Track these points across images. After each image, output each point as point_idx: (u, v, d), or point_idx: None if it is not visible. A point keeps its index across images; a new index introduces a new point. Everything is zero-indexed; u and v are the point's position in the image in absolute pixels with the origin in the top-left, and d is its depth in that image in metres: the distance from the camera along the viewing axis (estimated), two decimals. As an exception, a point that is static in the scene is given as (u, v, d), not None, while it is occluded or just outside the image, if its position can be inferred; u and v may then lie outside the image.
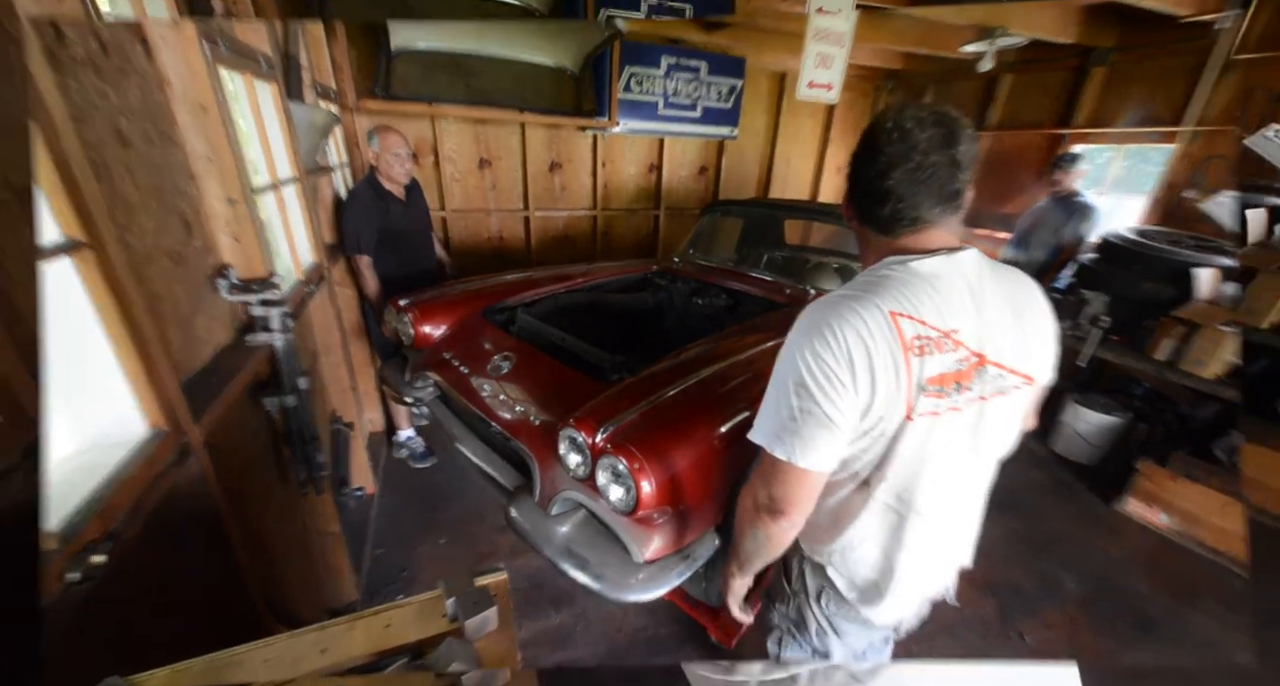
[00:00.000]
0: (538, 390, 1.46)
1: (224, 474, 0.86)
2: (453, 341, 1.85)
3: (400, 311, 1.90)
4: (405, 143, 2.10)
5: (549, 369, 1.54)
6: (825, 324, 0.65)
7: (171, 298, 0.89)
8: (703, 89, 3.54)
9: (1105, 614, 1.70)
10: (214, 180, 1.06)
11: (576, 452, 1.19)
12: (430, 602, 0.54)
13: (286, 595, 1.19)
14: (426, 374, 1.78)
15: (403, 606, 0.54)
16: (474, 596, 0.51)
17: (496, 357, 1.62)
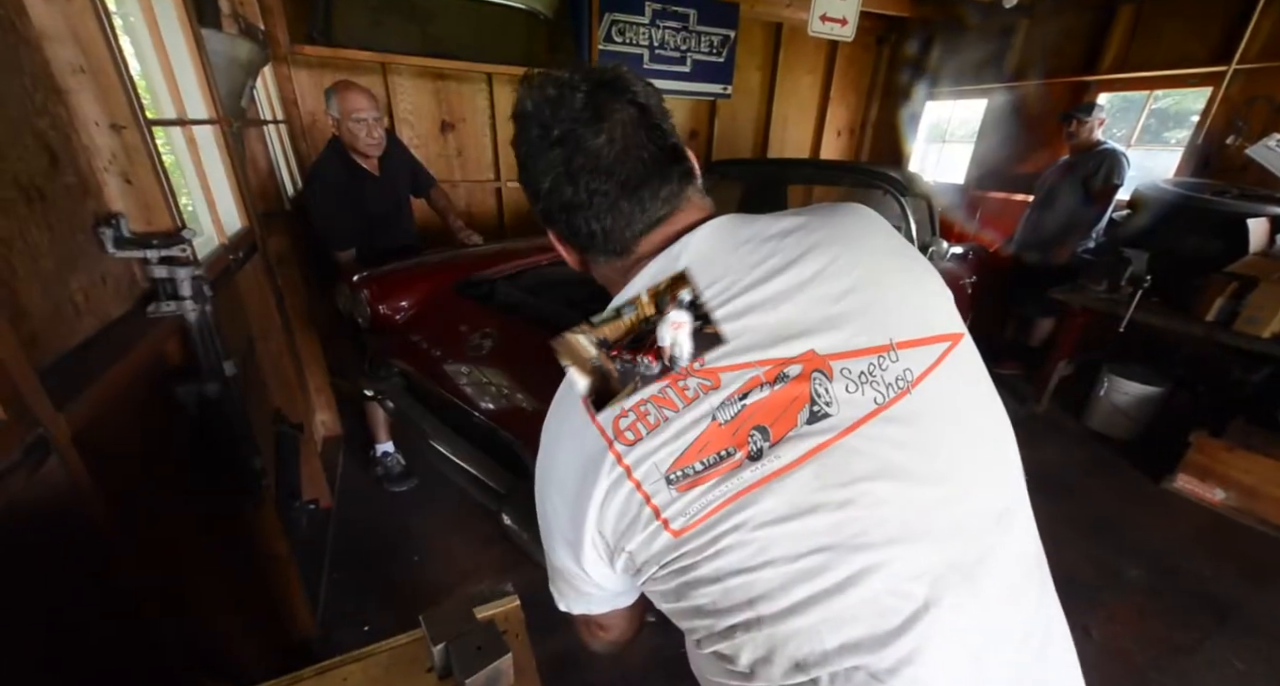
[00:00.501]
0: (529, 370, 1.30)
1: (111, 481, 0.68)
2: (420, 321, 1.67)
3: (354, 288, 1.71)
4: (372, 102, 1.79)
5: (540, 344, 1.37)
6: (544, 464, 0.51)
7: (25, 244, 0.69)
8: (692, 39, 3.37)
9: (1173, 602, 1.63)
10: (90, 99, 0.86)
11: None
12: (407, 648, 0.38)
13: (220, 637, 1.00)
14: (389, 360, 1.60)
15: (364, 658, 0.37)
16: (475, 637, 0.35)
17: (475, 337, 1.45)
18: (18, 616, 0.54)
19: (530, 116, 0.48)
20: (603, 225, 0.48)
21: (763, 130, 4.15)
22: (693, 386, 0.43)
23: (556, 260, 2.09)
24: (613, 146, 0.46)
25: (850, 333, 0.45)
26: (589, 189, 0.47)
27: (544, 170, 0.48)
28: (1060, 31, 3.19)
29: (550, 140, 0.46)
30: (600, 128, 0.46)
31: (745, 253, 0.47)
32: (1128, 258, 2.28)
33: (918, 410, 0.45)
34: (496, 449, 1.31)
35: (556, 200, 0.48)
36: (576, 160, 0.46)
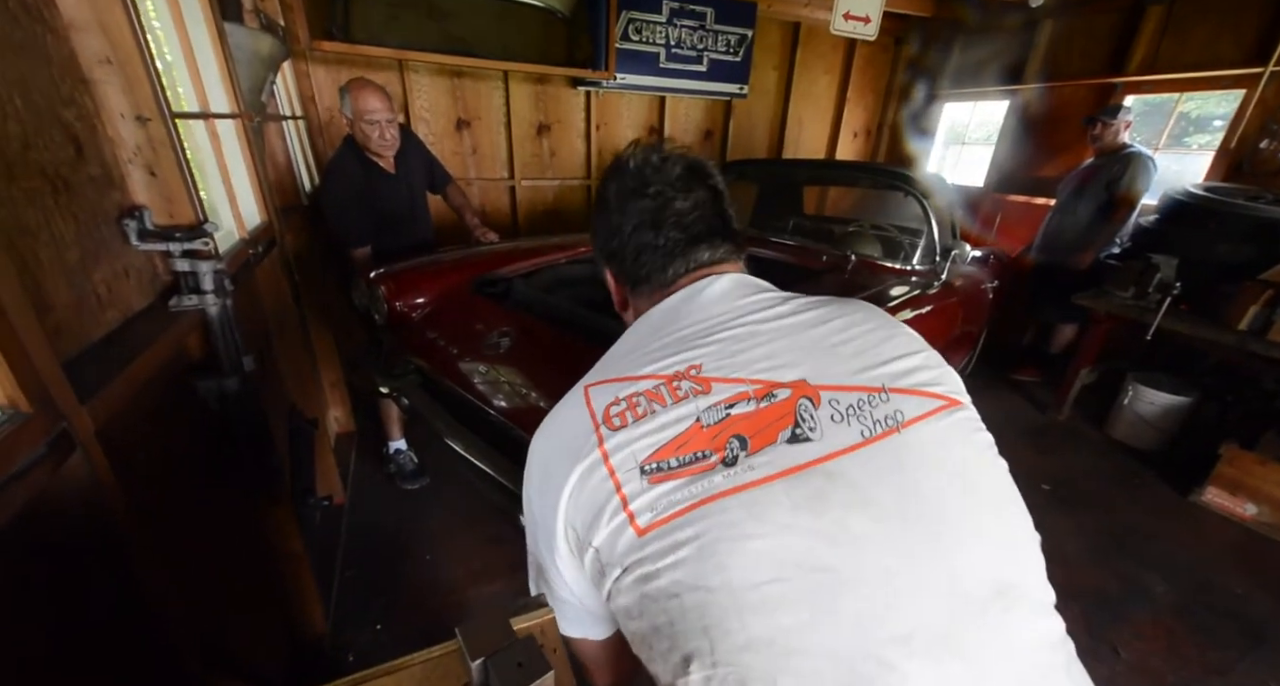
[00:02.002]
0: (546, 369, 1.28)
1: (134, 476, 0.67)
2: (437, 318, 1.66)
3: (372, 284, 1.70)
4: (386, 103, 1.77)
5: (559, 343, 1.36)
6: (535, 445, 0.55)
7: (51, 236, 0.68)
8: (709, 38, 3.35)
9: (1204, 621, 1.58)
10: (116, 91, 0.85)
11: None
12: (441, 661, 0.36)
13: (233, 634, 1.00)
14: (405, 357, 1.59)
15: (396, 671, 0.36)
16: (516, 653, 0.33)
17: (492, 335, 1.44)
18: (38, 612, 0.53)
19: (632, 172, 0.61)
20: (663, 263, 0.60)
21: (778, 130, 4.11)
22: (685, 388, 0.46)
23: (574, 258, 2.07)
24: (692, 211, 0.60)
25: (843, 371, 0.48)
26: (668, 236, 0.59)
27: (631, 214, 0.60)
28: (1086, 32, 3.13)
29: (647, 194, 0.59)
30: (688, 196, 0.60)
31: (756, 299, 0.57)
32: (1156, 263, 2.23)
33: (906, 451, 0.44)
34: (513, 448, 1.29)
35: (635, 240, 0.60)
36: (665, 213, 0.59)
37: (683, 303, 0.57)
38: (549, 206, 3.53)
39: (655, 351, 0.52)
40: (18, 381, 0.51)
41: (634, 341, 0.58)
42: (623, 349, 0.59)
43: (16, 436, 0.48)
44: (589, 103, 3.35)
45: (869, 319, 0.56)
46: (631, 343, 0.58)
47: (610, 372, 0.52)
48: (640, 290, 0.62)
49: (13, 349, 0.51)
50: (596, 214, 0.65)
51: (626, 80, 3.20)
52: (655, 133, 3.67)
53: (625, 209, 0.60)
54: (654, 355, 0.51)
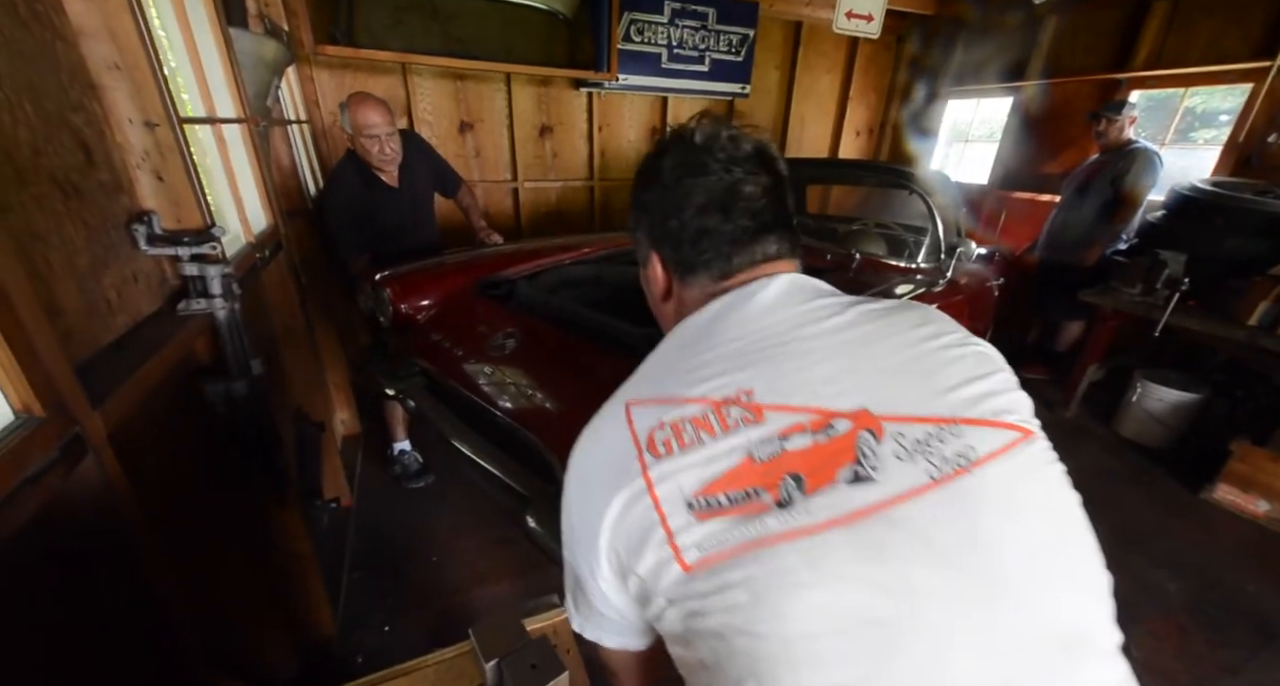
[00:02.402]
0: (552, 370, 1.28)
1: (144, 480, 0.67)
2: (441, 320, 1.66)
3: (377, 286, 1.71)
4: (386, 117, 1.75)
5: (564, 344, 1.36)
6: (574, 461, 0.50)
7: (61, 241, 0.69)
8: (711, 38, 3.35)
9: (1216, 619, 1.57)
10: (124, 97, 0.86)
11: None
12: (455, 662, 0.36)
13: (240, 636, 1.00)
14: (411, 359, 1.59)
15: (411, 672, 0.36)
16: (529, 654, 0.33)
17: (497, 336, 1.45)
18: (50, 615, 0.53)
19: (699, 147, 0.54)
20: (728, 252, 0.53)
21: (781, 130, 4.10)
22: (734, 415, 0.42)
23: (578, 259, 2.07)
24: (762, 197, 0.53)
25: (910, 396, 0.43)
26: (737, 222, 0.52)
27: (696, 194, 0.53)
28: (1090, 28, 3.11)
29: (716, 173, 0.52)
30: (761, 178, 0.53)
31: (814, 306, 0.51)
32: (1163, 260, 2.21)
33: (976, 495, 0.39)
34: (520, 450, 1.29)
35: (698, 223, 0.53)
36: (735, 195, 0.52)
37: (733, 308, 0.51)
38: (552, 208, 3.54)
39: (702, 368, 0.46)
40: (31, 386, 0.51)
41: (678, 350, 0.52)
42: (666, 358, 0.53)
43: (30, 441, 0.49)
44: (591, 104, 3.35)
45: (940, 332, 0.50)
46: (675, 352, 0.52)
47: (654, 390, 0.47)
48: (693, 279, 0.55)
49: (26, 354, 0.51)
50: (645, 190, 0.57)
51: (629, 81, 3.20)
52: (658, 133, 3.67)
53: (688, 187, 0.53)
54: (701, 373, 0.46)
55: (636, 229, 0.60)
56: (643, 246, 0.59)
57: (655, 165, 0.56)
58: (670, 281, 0.58)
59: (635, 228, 0.60)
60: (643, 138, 3.66)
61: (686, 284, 0.56)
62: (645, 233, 0.58)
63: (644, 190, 0.57)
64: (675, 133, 0.56)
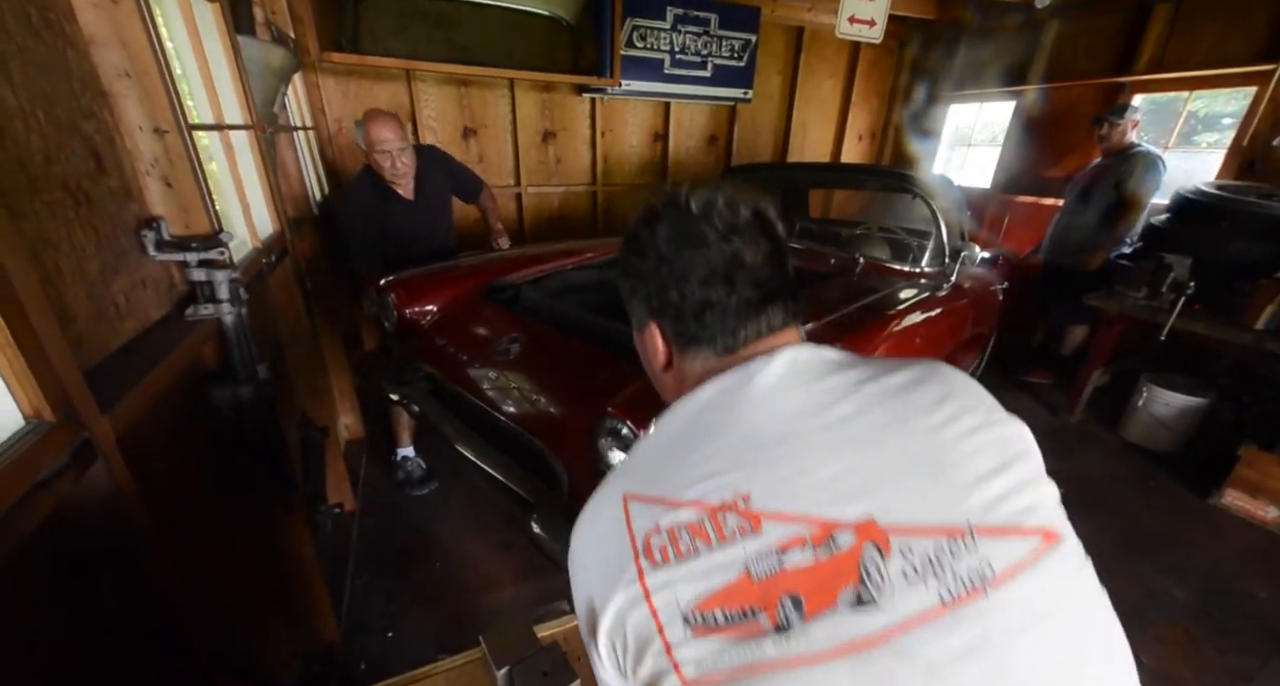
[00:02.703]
0: (558, 375, 1.29)
1: (151, 485, 0.67)
2: (446, 325, 1.67)
3: (381, 291, 1.72)
4: (397, 133, 1.79)
5: (568, 349, 1.36)
6: (575, 538, 0.47)
7: (72, 248, 0.69)
8: (713, 44, 3.37)
9: (1224, 625, 1.55)
10: (135, 104, 0.87)
11: (621, 448, 1.03)
12: (465, 670, 0.36)
13: (245, 640, 1.00)
14: (415, 364, 1.59)
15: (423, 679, 0.36)
16: (541, 661, 0.33)
17: (502, 341, 1.45)
18: (60, 619, 0.53)
19: (694, 215, 0.51)
20: (733, 326, 0.51)
21: (783, 134, 4.12)
22: (731, 524, 0.39)
23: (581, 264, 2.08)
24: (765, 265, 0.51)
25: (920, 501, 0.39)
26: (742, 294, 0.50)
27: (697, 265, 0.50)
28: (1092, 32, 3.11)
29: (715, 242, 0.50)
30: (762, 245, 0.51)
31: (818, 390, 0.46)
32: (1168, 263, 2.20)
33: (994, 619, 0.36)
34: (525, 455, 1.29)
35: (700, 295, 0.50)
36: (737, 265, 0.50)
37: (732, 393, 0.48)
38: (555, 213, 3.55)
39: (700, 465, 0.43)
40: (42, 392, 0.51)
41: (676, 437, 0.48)
42: (665, 444, 0.49)
43: (41, 446, 0.49)
44: (594, 109, 3.37)
45: (961, 410, 0.45)
46: (673, 439, 0.49)
47: (651, 484, 0.44)
48: (695, 352, 0.53)
49: (37, 360, 0.51)
50: (638, 259, 0.54)
51: (631, 86, 3.22)
52: (660, 138, 3.69)
53: (687, 259, 0.50)
54: (698, 471, 0.43)
55: (631, 297, 0.57)
56: (638, 315, 0.57)
57: (649, 234, 0.53)
58: (671, 353, 0.55)
59: (630, 296, 0.57)
60: (645, 142, 3.68)
61: (688, 356, 0.53)
62: (642, 302, 0.55)
63: (637, 259, 0.54)
64: (667, 198, 0.53)
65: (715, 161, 3.98)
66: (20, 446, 0.47)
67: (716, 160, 3.98)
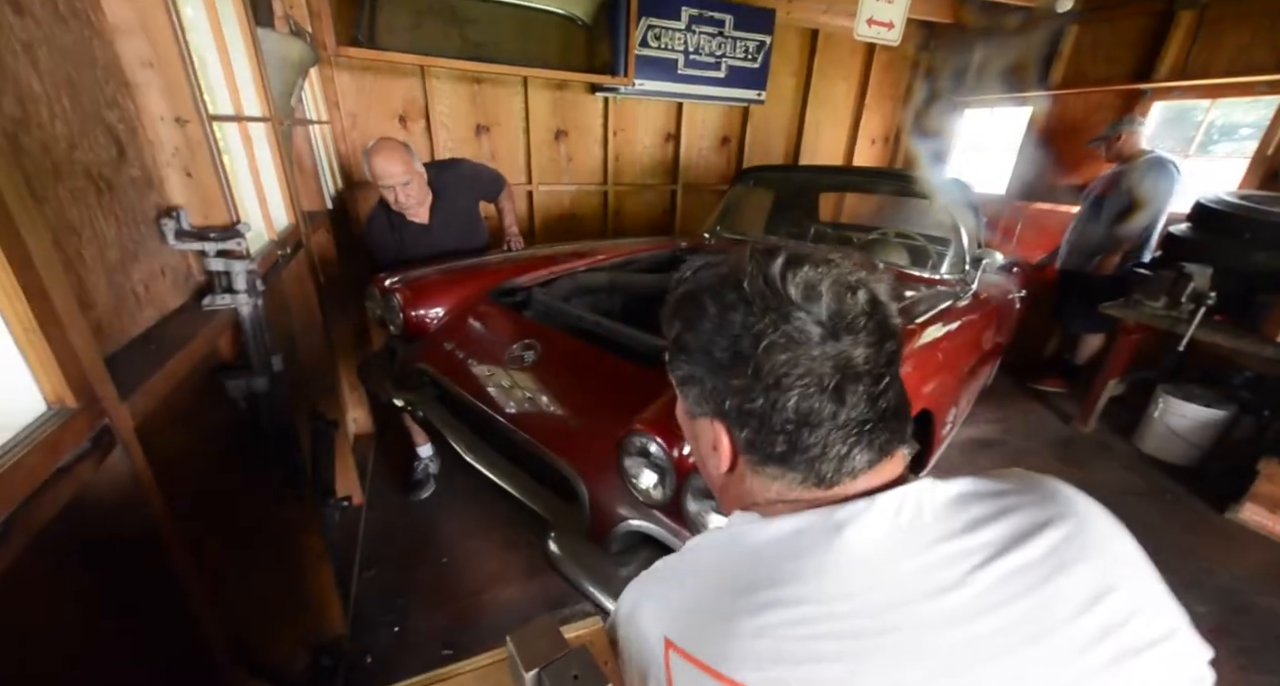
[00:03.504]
0: (577, 386, 1.24)
1: (168, 474, 0.67)
2: (454, 328, 1.62)
3: (386, 292, 1.67)
4: (401, 166, 1.71)
5: (587, 357, 1.31)
6: (619, 628, 0.39)
7: (93, 235, 0.69)
8: (728, 45, 3.35)
9: (1245, 643, 1.52)
10: (157, 94, 0.87)
11: (651, 469, 0.99)
12: (490, 671, 0.35)
13: (255, 632, 1.00)
14: (421, 368, 1.54)
15: (446, 679, 0.35)
16: (571, 665, 0.32)
17: (515, 347, 1.40)
18: (81, 606, 0.53)
19: (788, 300, 0.37)
20: (833, 454, 0.38)
21: (795, 137, 4.10)
22: None
23: (592, 266, 2.06)
24: (885, 373, 0.38)
25: None
26: (852, 412, 0.37)
27: (796, 371, 0.37)
28: (1113, 37, 3.08)
29: (818, 340, 0.37)
30: (878, 348, 0.38)
31: (931, 560, 0.35)
32: (1189, 273, 2.17)
33: None
34: (539, 469, 1.24)
35: (793, 408, 0.37)
36: (850, 374, 0.37)
37: (813, 547, 0.36)
38: (565, 211, 3.55)
39: (761, 635, 0.34)
40: (65, 378, 0.51)
41: (730, 575, 0.38)
42: (714, 578, 0.39)
43: (63, 431, 0.49)
44: (607, 109, 3.36)
45: (1130, 610, 0.35)
46: (725, 573, 0.38)
47: (696, 637, 0.35)
48: (774, 474, 0.40)
49: (60, 345, 0.51)
50: (695, 341, 0.41)
51: (645, 86, 3.21)
52: (672, 139, 3.68)
53: (784, 364, 0.37)
54: (759, 644, 0.33)
55: (685, 383, 0.44)
56: (694, 404, 0.44)
57: (719, 313, 0.39)
58: (737, 461, 0.43)
59: (683, 380, 0.44)
60: (657, 143, 3.67)
61: (761, 474, 0.41)
62: (704, 395, 0.42)
63: (698, 339, 0.41)
64: (756, 265, 0.39)
65: (727, 163, 3.96)
66: (42, 431, 0.47)
67: (729, 162, 3.96)
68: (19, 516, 0.43)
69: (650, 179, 3.74)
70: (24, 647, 0.46)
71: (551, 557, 1.05)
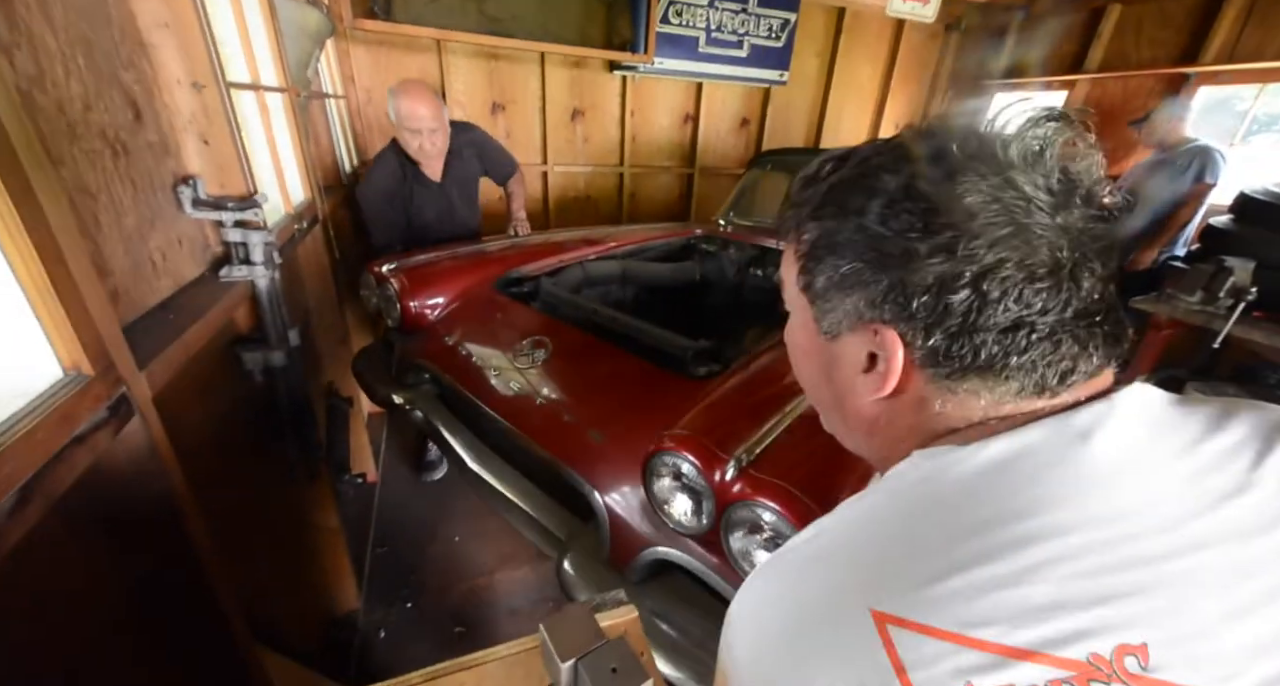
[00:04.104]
0: (595, 391, 1.12)
1: (185, 445, 0.66)
2: (456, 321, 1.45)
3: (382, 280, 1.50)
4: (433, 111, 1.62)
5: (607, 359, 1.19)
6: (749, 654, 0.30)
7: (110, 200, 0.68)
8: (751, 23, 3.25)
9: None
10: (173, 56, 0.84)
11: (685, 493, 0.87)
12: (521, 658, 0.34)
13: (270, 605, 1.00)
14: (421, 364, 1.40)
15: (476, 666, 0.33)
16: (608, 656, 0.30)
17: (524, 344, 1.26)
18: (99, 576, 0.52)
19: (1007, 162, 0.31)
20: (1061, 354, 0.31)
21: (817, 121, 3.99)
22: None
23: (604, 255, 1.97)
24: (1109, 257, 0.32)
25: None
26: (1091, 304, 0.31)
27: (1024, 249, 0.29)
28: (1158, 18, 2.93)
29: (1046, 209, 0.30)
30: (1106, 224, 0.31)
31: (1201, 463, 0.29)
32: (1229, 267, 2.08)
33: None
34: (552, 481, 1.12)
35: (1020, 294, 0.30)
36: (1083, 255, 0.30)
37: (1051, 455, 0.30)
38: (580, 193, 3.50)
39: (1024, 579, 0.26)
40: (81, 344, 0.49)
41: (937, 520, 0.30)
42: (911, 528, 0.30)
43: (79, 399, 0.47)
44: (625, 88, 3.29)
45: None
46: (931, 519, 0.30)
47: (916, 600, 0.27)
48: (976, 385, 0.32)
49: (77, 310, 0.50)
50: (870, 227, 0.33)
51: (664, 65, 3.12)
52: (691, 120, 3.60)
53: (999, 230, 0.30)
54: (1023, 591, 0.26)
55: (834, 292, 0.35)
56: (849, 313, 0.35)
57: (911, 191, 0.31)
58: (913, 377, 0.34)
59: (835, 288, 0.35)
60: (675, 124, 3.59)
61: (956, 389, 0.33)
62: (880, 299, 0.33)
63: (870, 225, 0.32)
64: (961, 128, 0.33)
65: (746, 146, 3.87)
66: (58, 398, 0.45)
67: (747, 145, 3.87)
68: (36, 484, 0.42)
69: (667, 161, 3.66)
70: (43, 615, 0.45)
71: (566, 583, 0.96)
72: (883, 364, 0.34)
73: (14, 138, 0.46)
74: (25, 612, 0.43)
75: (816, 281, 0.36)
